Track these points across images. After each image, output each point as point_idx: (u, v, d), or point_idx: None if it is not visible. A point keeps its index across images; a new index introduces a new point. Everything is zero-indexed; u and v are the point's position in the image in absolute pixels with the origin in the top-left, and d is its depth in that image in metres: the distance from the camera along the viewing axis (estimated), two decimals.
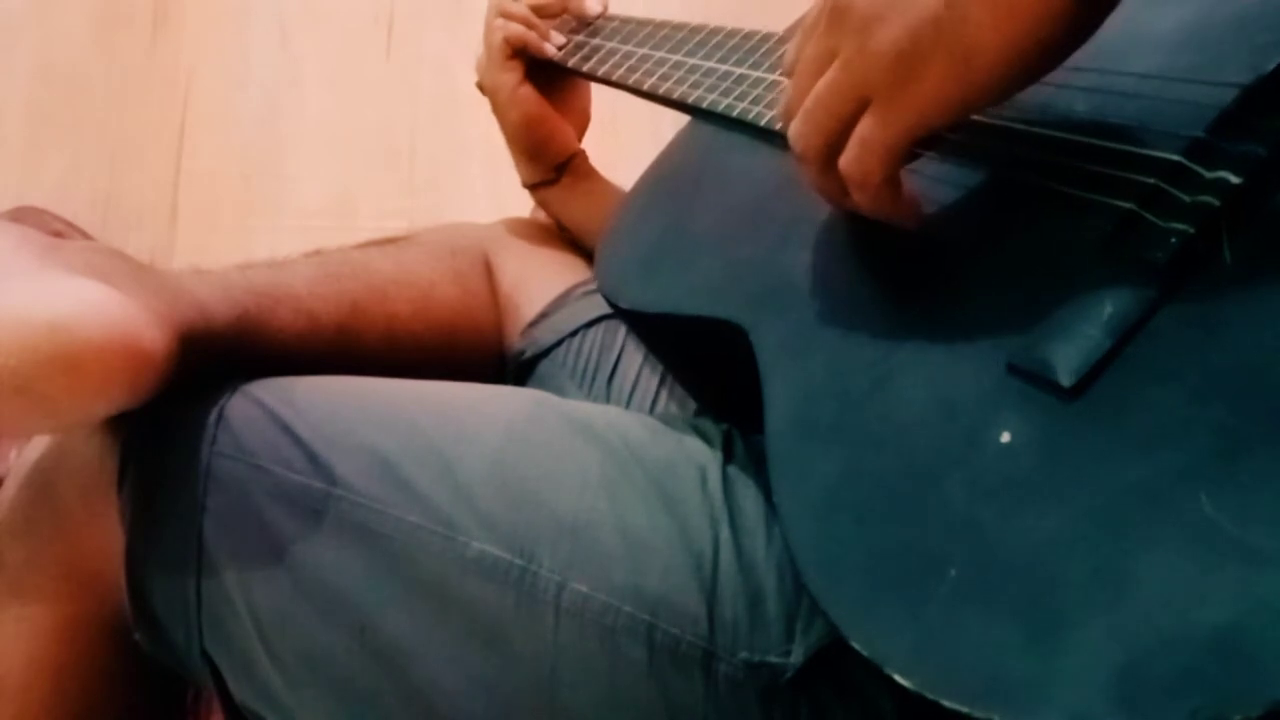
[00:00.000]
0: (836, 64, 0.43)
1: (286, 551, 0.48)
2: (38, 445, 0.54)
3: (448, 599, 0.48)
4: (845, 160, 0.43)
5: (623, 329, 0.70)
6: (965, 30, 0.38)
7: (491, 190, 1.26)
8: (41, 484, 0.53)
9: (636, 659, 0.47)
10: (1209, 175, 0.39)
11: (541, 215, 0.87)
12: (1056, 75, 0.46)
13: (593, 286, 0.74)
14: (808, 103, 0.45)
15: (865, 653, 0.35)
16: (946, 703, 0.32)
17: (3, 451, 0.95)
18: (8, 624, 0.52)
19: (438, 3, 1.40)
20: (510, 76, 0.78)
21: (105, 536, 0.50)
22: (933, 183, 0.48)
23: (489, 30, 0.80)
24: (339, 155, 1.34)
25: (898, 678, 0.34)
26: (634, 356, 0.70)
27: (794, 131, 0.46)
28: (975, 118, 0.49)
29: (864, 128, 0.42)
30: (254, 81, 1.37)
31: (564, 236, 0.83)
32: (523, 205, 0.90)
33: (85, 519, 0.51)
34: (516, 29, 0.78)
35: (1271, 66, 0.41)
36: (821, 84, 0.44)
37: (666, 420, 0.57)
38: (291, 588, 0.48)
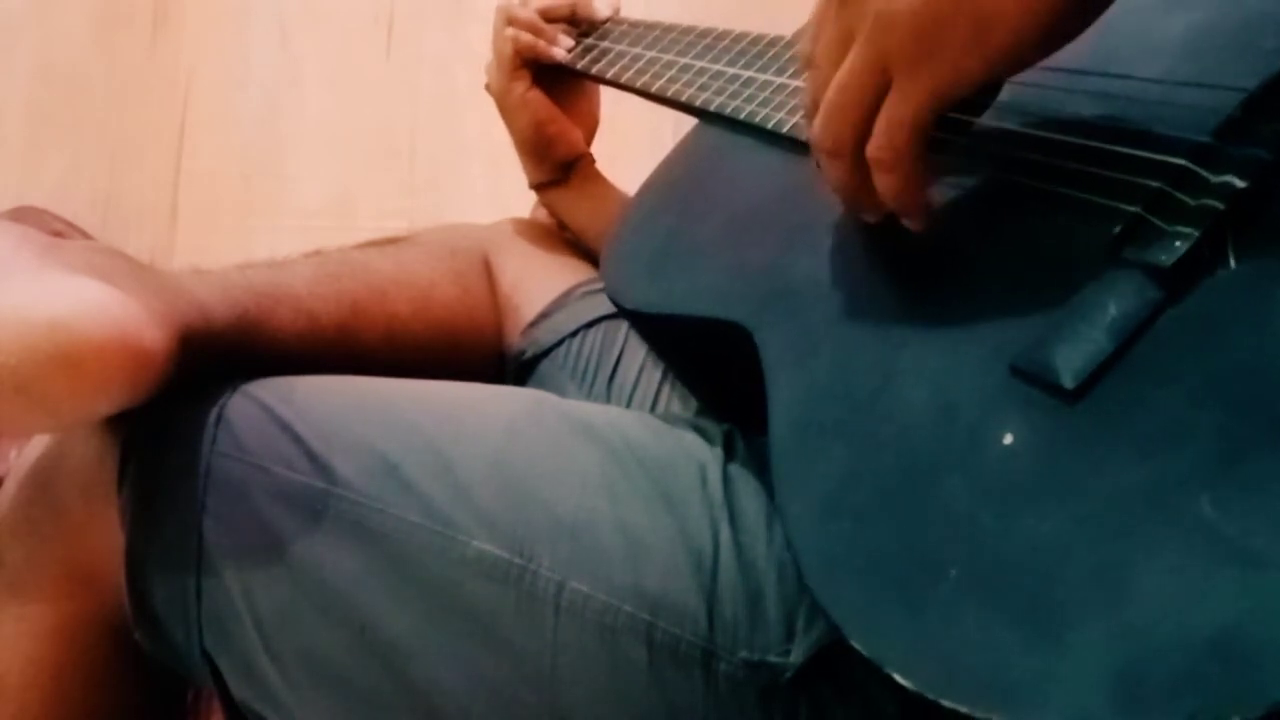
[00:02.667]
0: (855, 45, 0.43)
1: (286, 551, 0.48)
2: (38, 445, 0.54)
3: (448, 598, 0.48)
4: (874, 144, 0.43)
5: (623, 329, 0.71)
6: None
7: (492, 190, 1.26)
8: (41, 484, 0.53)
9: (636, 658, 0.47)
10: (1214, 179, 0.39)
11: (542, 215, 0.87)
12: (1065, 79, 0.46)
13: (593, 287, 0.74)
14: (830, 92, 0.44)
15: (865, 652, 0.35)
16: (946, 703, 0.33)
17: (3, 451, 0.95)
18: (8, 624, 0.52)
19: (438, 3, 1.40)
20: (520, 84, 0.79)
21: (105, 536, 0.50)
22: (940, 187, 0.48)
23: (498, 38, 0.80)
24: (339, 155, 1.34)
25: (898, 677, 0.34)
26: (634, 357, 0.69)
27: (820, 124, 0.45)
28: (983, 122, 0.49)
29: (889, 107, 0.42)
30: (254, 81, 1.37)
31: (564, 237, 0.83)
32: (523, 205, 0.90)
33: (85, 519, 0.51)
34: (526, 37, 0.78)
35: (1277, 71, 0.41)
36: (842, 70, 0.43)
37: (667, 420, 0.58)
38: (291, 587, 0.48)
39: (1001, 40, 0.39)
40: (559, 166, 0.81)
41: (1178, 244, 0.38)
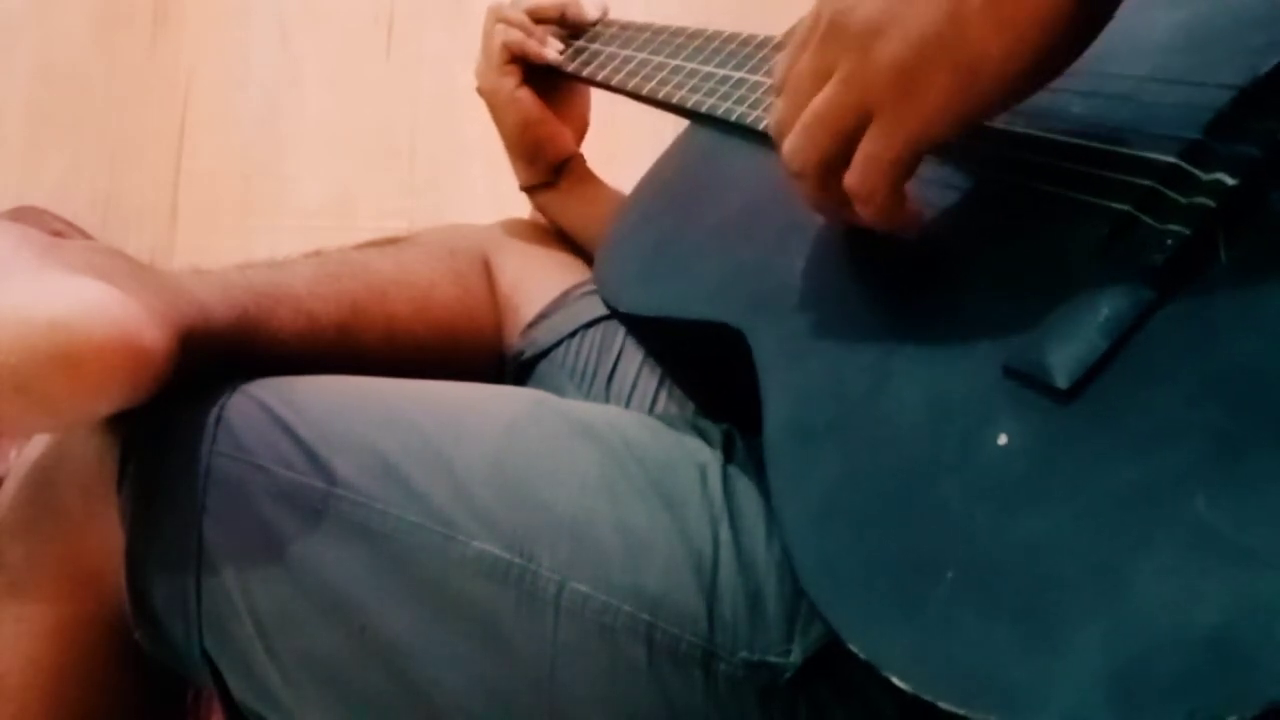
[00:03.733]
0: (835, 80, 0.42)
1: (286, 551, 0.48)
2: (38, 445, 0.54)
3: (447, 598, 0.48)
4: (851, 178, 0.43)
5: (622, 330, 0.71)
6: (968, 41, 0.38)
7: (491, 190, 1.26)
8: (41, 483, 0.53)
9: (636, 658, 0.47)
10: (1205, 177, 0.39)
11: (541, 216, 0.87)
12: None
13: (592, 287, 0.74)
14: (804, 119, 0.44)
15: (863, 655, 0.35)
16: (943, 705, 0.33)
17: (3, 451, 0.95)
18: (8, 624, 0.52)
19: (438, 3, 1.40)
20: (508, 81, 0.79)
21: (105, 536, 0.50)
22: (930, 187, 0.48)
23: (487, 35, 0.80)
24: (339, 155, 1.34)
25: (895, 680, 0.34)
26: (633, 357, 0.70)
27: (790, 148, 0.45)
28: None
29: (869, 144, 0.42)
30: (254, 81, 1.37)
31: (563, 237, 0.83)
32: (523, 206, 0.90)
33: (85, 519, 0.51)
34: (515, 35, 0.78)
35: (1267, 69, 0.41)
36: (819, 101, 0.43)
37: (666, 420, 0.58)
38: (291, 587, 0.48)
39: (986, 86, 0.39)
40: (550, 168, 0.81)
41: (1169, 242, 0.38)
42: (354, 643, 0.48)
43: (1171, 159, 0.41)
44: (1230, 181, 0.39)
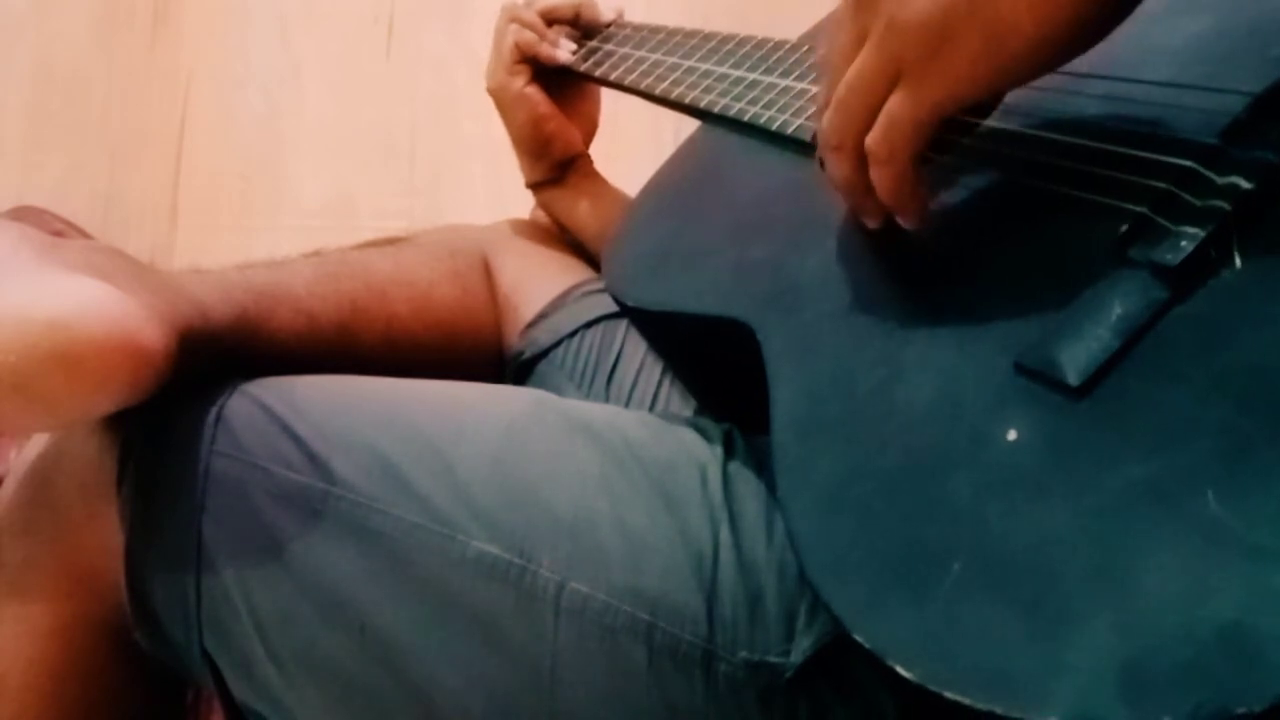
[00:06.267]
0: (867, 46, 0.43)
1: (286, 551, 0.48)
2: (37, 444, 0.54)
3: (447, 598, 0.48)
4: (872, 137, 0.43)
5: (621, 329, 0.71)
6: (1000, 7, 0.38)
7: (491, 190, 1.26)
8: (41, 483, 0.53)
9: (636, 659, 0.47)
10: (1221, 180, 0.40)
11: (541, 216, 0.87)
12: (1070, 82, 0.46)
13: (591, 288, 0.74)
14: (839, 90, 0.44)
15: (868, 646, 0.35)
16: (949, 694, 0.32)
17: (2, 451, 0.95)
18: (8, 624, 0.52)
19: (438, 3, 1.40)
20: (517, 80, 0.79)
21: (105, 535, 0.50)
22: (946, 186, 0.48)
23: (499, 34, 0.80)
24: (339, 155, 1.34)
25: (900, 669, 0.34)
26: (632, 357, 0.70)
27: (828, 122, 0.45)
28: (989, 123, 0.49)
29: (893, 103, 0.42)
30: (254, 81, 1.37)
31: (564, 237, 0.83)
32: (523, 206, 0.90)
33: (85, 518, 0.51)
34: (527, 35, 0.78)
35: None
36: (853, 68, 0.43)
37: (666, 419, 0.57)
38: (291, 587, 0.48)
39: (1013, 53, 0.39)
40: (556, 165, 0.81)
41: (1184, 244, 0.39)
42: (354, 642, 0.48)
43: (1188, 163, 0.41)
44: (1246, 185, 0.39)
